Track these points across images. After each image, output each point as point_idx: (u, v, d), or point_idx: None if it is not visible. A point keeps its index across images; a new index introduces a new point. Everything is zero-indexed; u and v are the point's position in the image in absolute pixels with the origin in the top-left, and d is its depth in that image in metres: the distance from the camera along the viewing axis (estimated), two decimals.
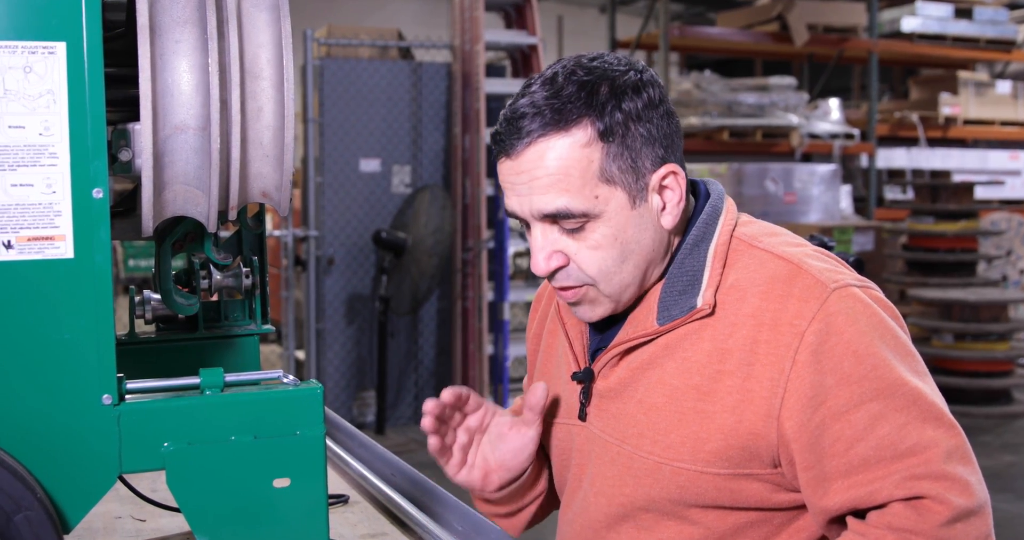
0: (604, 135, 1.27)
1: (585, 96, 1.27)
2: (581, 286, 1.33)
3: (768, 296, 1.27)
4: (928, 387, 1.24)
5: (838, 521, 1.26)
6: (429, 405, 1.41)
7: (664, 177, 1.31)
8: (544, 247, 1.31)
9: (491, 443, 1.46)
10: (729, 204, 1.39)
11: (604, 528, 1.38)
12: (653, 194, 1.32)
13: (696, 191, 1.41)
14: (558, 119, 1.26)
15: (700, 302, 1.30)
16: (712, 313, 1.30)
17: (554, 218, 1.29)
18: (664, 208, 1.33)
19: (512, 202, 1.32)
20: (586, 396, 1.42)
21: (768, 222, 1.42)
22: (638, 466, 1.33)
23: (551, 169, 1.27)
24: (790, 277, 1.27)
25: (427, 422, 1.41)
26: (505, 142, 1.30)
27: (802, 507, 1.29)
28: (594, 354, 1.42)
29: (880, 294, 1.30)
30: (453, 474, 1.47)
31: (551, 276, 1.34)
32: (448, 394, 1.41)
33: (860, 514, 1.24)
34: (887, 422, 1.20)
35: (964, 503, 1.18)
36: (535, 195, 1.28)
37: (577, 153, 1.27)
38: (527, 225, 1.34)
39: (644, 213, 1.31)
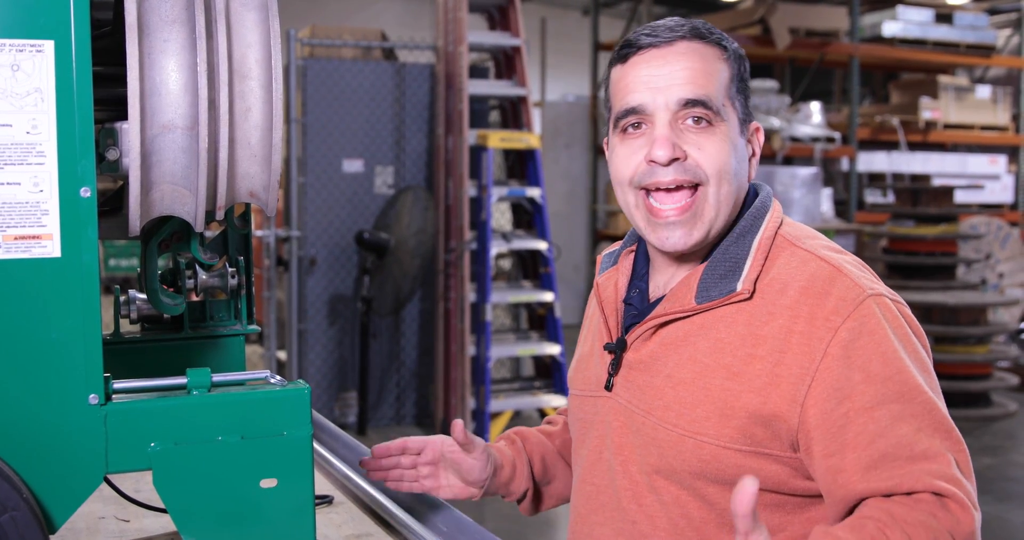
0: (732, 63, 1.42)
1: (718, 32, 1.43)
2: (694, 188, 1.37)
3: (807, 292, 1.32)
4: (940, 403, 1.29)
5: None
6: (365, 464, 1.68)
7: (754, 130, 1.46)
8: (669, 137, 1.37)
9: (451, 467, 1.65)
10: (776, 205, 1.46)
11: (628, 498, 1.42)
12: (747, 142, 1.44)
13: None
14: (702, 34, 1.41)
15: (740, 287, 1.35)
16: (750, 299, 1.35)
17: (691, 107, 1.36)
18: (751, 157, 1.44)
19: (643, 96, 1.39)
20: (615, 367, 1.46)
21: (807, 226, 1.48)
22: (662, 437, 1.37)
23: (699, 65, 1.38)
24: (830, 278, 1.33)
25: (374, 476, 1.68)
26: (651, 37, 1.40)
27: (816, 496, 1.33)
28: (628, 329, 1.46)
29: (909, 311, 1.36)
30: (439, 496, 1.67)
31: (657, 173, 1.37)
32: (376, 449, 1.67)
33: None
34: (905, 424, 1.25)
35: (976, 519, 1.23)
36: (676, 85, 1.37)
37: (717, 63, 1.40)
38: (637, 125, 1.40)
39: (743, 147, 1.42)
